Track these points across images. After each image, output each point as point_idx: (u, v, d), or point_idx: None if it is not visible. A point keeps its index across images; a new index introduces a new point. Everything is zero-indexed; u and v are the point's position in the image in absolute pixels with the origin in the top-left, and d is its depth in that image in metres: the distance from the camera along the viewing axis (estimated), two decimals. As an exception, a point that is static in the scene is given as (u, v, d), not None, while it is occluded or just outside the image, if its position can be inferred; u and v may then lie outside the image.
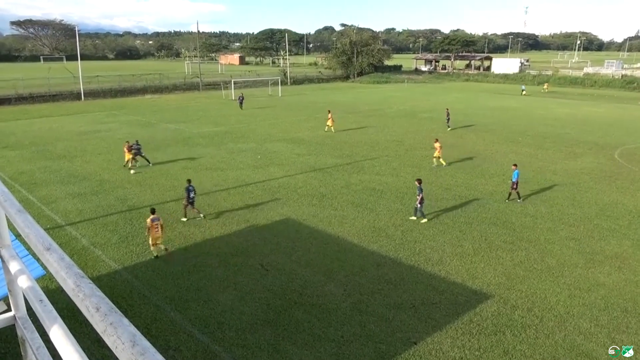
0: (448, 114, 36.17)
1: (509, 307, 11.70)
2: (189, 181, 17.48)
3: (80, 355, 1.39)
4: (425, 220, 17.17)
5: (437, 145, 24.54)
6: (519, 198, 19.42)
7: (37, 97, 53.19)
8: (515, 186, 19.13)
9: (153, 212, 14.58)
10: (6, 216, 2.15)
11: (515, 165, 19.62)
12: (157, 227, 14.26)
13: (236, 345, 10.24)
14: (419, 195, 16.91)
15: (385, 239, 15.64)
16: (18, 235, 3.17)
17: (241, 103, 46.96)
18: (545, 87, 70.09)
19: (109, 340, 1.09)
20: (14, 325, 2.32)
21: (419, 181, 17.19)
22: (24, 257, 7.42)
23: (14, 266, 2.15)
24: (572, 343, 10.30)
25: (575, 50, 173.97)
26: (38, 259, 6.99)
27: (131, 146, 23.92)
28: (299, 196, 19.93)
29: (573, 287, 12.61)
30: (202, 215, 17.50)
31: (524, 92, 63.31)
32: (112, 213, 17.98)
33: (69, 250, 14.25)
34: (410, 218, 17.37)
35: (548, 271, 13.51)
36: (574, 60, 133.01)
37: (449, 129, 35.23)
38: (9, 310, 2.37)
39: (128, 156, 23.83)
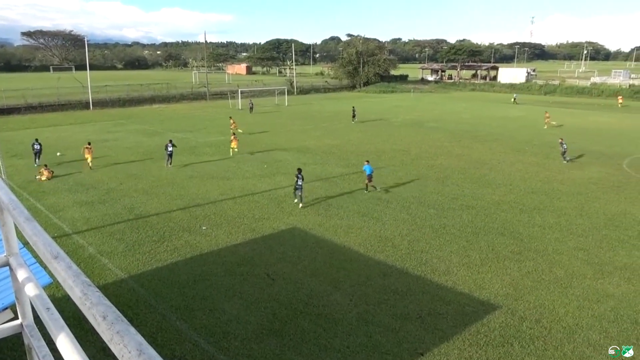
0: (354, 111, 45.09)
1: (517, 318, 11.58)
2: (170, 140, 26.66)
3: (87, 364, 1.39)
4: (297, 202, 19.88)
5: (233, 138, 29.66)
6: (376, 188, 21.89)
7: (46, 106, 53.77)
8: (369, 179, 21.61)
9: (89, 144, 26.36)
10: (14, 224, 2.16)
11: (367, 161, 22.30)
12: (90, 151, 25.94)
13: (241, 355, 10.19)
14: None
15: (392, 249, 15.57)
16: (26, 243, 3.18)
17: (251, 109, 52.39)
18: (619, 100, 61.96)
19: (115, 349, 1.09)
20: (21, 333, 2.32)
21: (299, 170, 20.12)
22: (31, 265, 7.45)
23: (21, 274, 2.16)
24: (581, 355, 10.16)
25: (582, 60, 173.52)
26: (45, 267, 7.03)
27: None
28: (305, 205, 19.92)
29: (582, 299, 12.47)
30: (170, 166, 25.95)
31: (514, 100, 64.14)
32: (118, 222, 18.05)
33: (76, 259, 14.30)
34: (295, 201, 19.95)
35: (556, 282, 13.38)
36: (580, 70, 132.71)
37: (354, 122, 43.86)
38: (15, 318, 2.37)
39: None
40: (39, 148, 27.21)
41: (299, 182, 19.66)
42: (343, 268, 14.17)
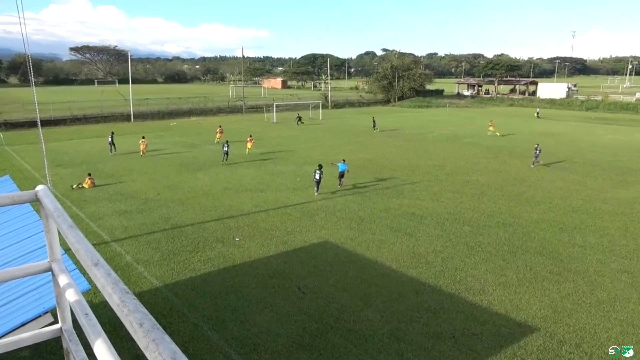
0: (374, 121, 48.59)
1: (556, 341, 11.12)
2: (227, 141, 32.13)
3: (122, 370, 1.41)
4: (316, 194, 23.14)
5: (249, 140, 34.89)
6: (340, 184, 24.82)
7: (90, 118, 56.00)
8: (341, 176, 24.54)
9: (143, 137, 33.93)
10: (58, 231, 2.24)
11: (344, 160, 25.24)
12: (144, 143, 33.22)
13: (271, 368, 10.16)
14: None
15: (425, 266, 15.30)
16: (67, 250, 3.29)
17: (299, 119, 55.74)
18: None
19: (150, 357, 1.10)
20: (60, 337, 2.39)
21: (320, 166, 23.36)
22: (71, 271, 7.69)
23: (62, 280, 2.23)
24: (625, 384, 9.66)
25: (626, 75, 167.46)
26: (84, 273, 7.26)
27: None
28: (338, 219, 19.87)
29: (625, 323, 11.88)
30: (223, 163, 30.83)
31: (537, 115, 63.50)
32: (155, 231, 18.46)
33: (114, 266, 14.66)
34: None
35: (598, 305, 12.81)
36: (625, 86, 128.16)
37: (375, 131, 47.36)
38: (55, 322, 2.45)
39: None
40: (110, 141, 34.62)
41: (317, 177, 22.92)
42: (375, 284, 14.01)
